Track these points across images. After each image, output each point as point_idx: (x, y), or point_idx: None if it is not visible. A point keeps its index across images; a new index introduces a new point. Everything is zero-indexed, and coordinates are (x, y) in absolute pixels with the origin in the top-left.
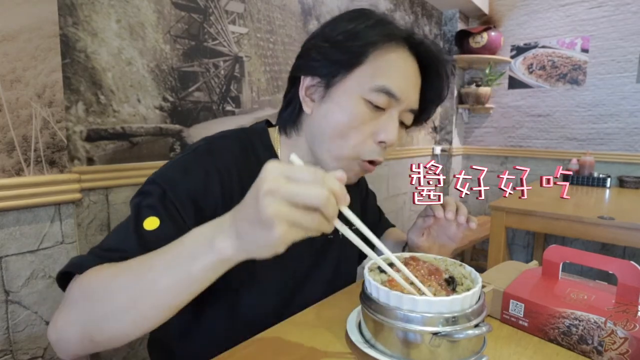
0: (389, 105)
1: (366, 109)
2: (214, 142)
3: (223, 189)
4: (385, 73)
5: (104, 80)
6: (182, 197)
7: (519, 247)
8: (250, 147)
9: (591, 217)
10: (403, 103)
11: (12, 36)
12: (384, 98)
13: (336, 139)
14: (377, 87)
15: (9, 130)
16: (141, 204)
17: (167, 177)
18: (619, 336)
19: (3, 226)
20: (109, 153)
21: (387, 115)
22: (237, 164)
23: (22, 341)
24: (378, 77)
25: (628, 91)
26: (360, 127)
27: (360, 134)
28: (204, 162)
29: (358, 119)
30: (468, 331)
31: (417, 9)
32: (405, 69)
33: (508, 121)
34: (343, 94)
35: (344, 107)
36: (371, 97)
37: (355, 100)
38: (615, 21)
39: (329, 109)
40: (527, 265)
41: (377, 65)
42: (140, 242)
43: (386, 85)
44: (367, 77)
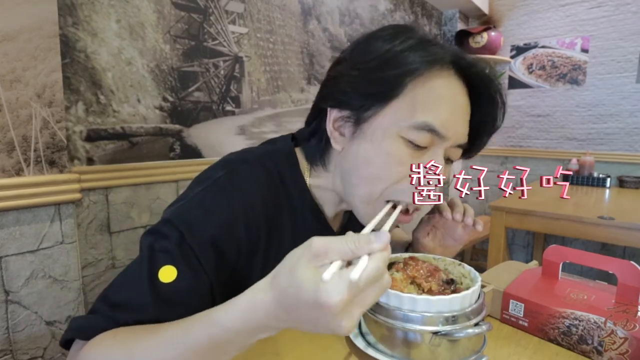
0: (433, 143)
1: (406, 149)
2: (236, 170)
3: (248, 230)
4: (427, 106)
5: (104, 80)
6: (203, 243)
7: (519, 247)
8: (277, 175)
9: (591, 217)
10: (450, 140)
11: (12, 36)
12: (426, 136)
13: (369, 183)
14: (418, 125)
15: (9, 130)
16: (155, 247)
17: (186, 218)
18: (619, 336)
19: (3, 226)
20: (109, 153)
21: (431, 153)
22: (263, 196)
23: (22, 341)
24: (419, 112)
25: (628, 91)
26: (398, 168)
27: (397, 176)
28: (226, 198)
29: (396, 161)
30: (468, 330)
31: (417, 9)
32: (453, 99)
33: (508, 121)
34: (378, 131)
35: (378, 147)
36: (411, 135)
37: (392, 139)
38: (615, 21)
39: (362, 148)
40: (527, 265)
41: (418, 96)
42: (155, 297)
43: (429, 121)
44: (406, 111)
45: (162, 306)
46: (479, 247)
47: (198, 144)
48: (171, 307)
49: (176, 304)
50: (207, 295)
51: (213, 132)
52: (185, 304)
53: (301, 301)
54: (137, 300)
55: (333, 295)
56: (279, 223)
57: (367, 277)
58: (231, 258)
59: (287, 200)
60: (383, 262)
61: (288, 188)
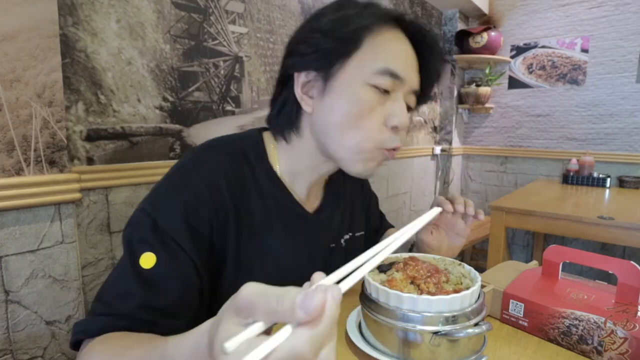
0: (394, 88)
1: (373, 94)
2: (200, 154)
3: (216, 209)
4: (385, 55)
5: (104, 80)
6: (175, 223)
7: (518, 247)
8: (242, 156)
9: (591, 217)
10: (406, 84)
11: (12, 36)
12: (388, 80)
13: (348, 130)
14: (380, 70)
15: (9, 130)
16: (133, 238)
17: (156, 204)
18: (619, 336)
19: (3, 226)
20: (109, 153)
21: (393, 98)
22: (227, 177)
23: (22, 341)
24: (379, 60)
25: (628, 91)
26: (370, 114)
27: (374, 122)
28: (191, 179)
29: (367, 105)
30: (468, 330)
31: (417, 9)
32: (403, 49)
33: (508, 121)
34: (345, 83)
35: (349, 96)
36: (375, 81)
37: (361, 87)
38: (615, 21)
39: (334, 100)
40: (527, 265)
41: (375, 48)
42: (141, 284)
43: (389, 66)
44: (368, 61)
45: (150, 291)
46: (478, 247)
47: (198, 143)
48: (158, 291)
49: (162, 287)
50: (192, 275)
51: (213, 132)
52: (170, 286)
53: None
54: (127, 291)
55: None
56: (247, 203)
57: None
58: (205, 234)
59: (254, 182)
60: (309, 343)
61: (254, 169)
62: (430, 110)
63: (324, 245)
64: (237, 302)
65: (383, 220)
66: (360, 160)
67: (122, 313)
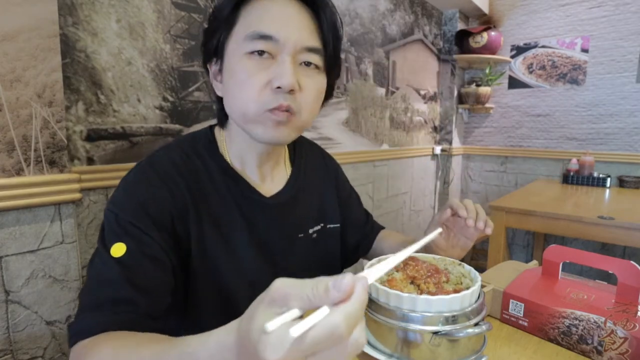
0: (275, 51)
1: (251, 62)
2: (154, 154)
3: (174, 198)
4: (254, 19)
5: (104, 80)
6: (134, 214)
7: (519, 247)
8: (193, 151)
9: (591, 217)
10: (287, 43)
11: (12, 36)
12: (260, 43)
13: (234, 100)
14: (248, 35)
15: (9, 130)
16: (104, 234)
17: (116, 201)
18: (619, 336)
19: (3, 226)
20: (109, 153)
21: (278, 61)
22: (181, 172)
23: (22, 341)
24: (249, 26)
25: (628, 91)
26: (251, 80)
27: (254, 86)
28: (145, 175)
29: (245, 73)
30: (468, 330)
31: (417, 9)
32: (281, 10)
33: (508, 121)
34: (230, 60)
35: (231, 70)
36: (248, 47)
37: (238, 58)
38: (615, 21)
39: (225, 79)
40: (527, 265)
41: (249, 17)
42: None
43: (256, 29)
44: (242, 31)
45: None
46: (479, 247)
47: None
48: (133, 272)
49: (136, 269)
50: (162, 256)
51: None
52: (144, 266)
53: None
54: (106, 279)
55: (269, 351)
56: (203, 194)
57: (315, 336)
58: (166, 225)
59: (207, 174)
60: (345, 320)
61: (206, 161)
62: (431, 110)
63: (289, 235)
64: (271, 294)
65: (370, 218)
66: (251, 125)
67: (108, 298)
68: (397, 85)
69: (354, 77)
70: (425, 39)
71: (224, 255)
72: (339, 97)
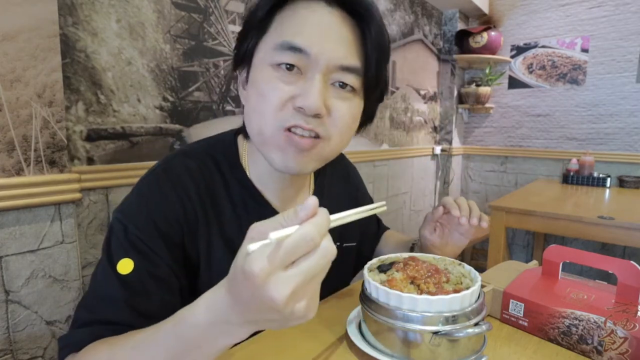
0: (305, 66)
1: (275, 74)
2: (170, 161)
3: (185, 213)
4: (287, 29)
5: (104, 80)
6: (146, 229)
7: (519, 247)
8: (213, 163)
9: (591, 217)
10: (320, 59)
11: (12, 36)
12: (289, 55)
13: (252, 115)
14: (278, 45)
15: (9, 130)
16: (110, 246)
17: (127, 211)
18: (619, 336)
19: (3, 226)
20: (109, 153)
21: (307, 78)
22: (197, 184)
23: (22, 341)
24: (280, 35)
25: (628, 91)
26: (271, 95)
27: (274, 102)
28: (160, 185)
29: (268, 86)
30: (468, 330)
31: (417, 9)
32: (318, 21)
33: (508, 121)
34: (255, 69)
35: (255, 81)
36: (275, 58)
37: (264, 69)
38: (615, 21)
39: (248, 89)
40: (527, 265)
41: (282, 25)
42: (122, 288)
43: (287, 39)
44: (272, 41)
45: (130, 294)
46: (479, 247)
47: None
48: (138, 294)
49: (141, 290)
50: (169, 277)
51: (213, 132)
52: (149, 289)
53: (238, 280)
54: (108, 296)
55: (254, 262)
56: (217, 209)
57: (292, 242)
58: (177, 239)
59: (225, 188)
60: (315, 227)
61: (225, 176)
62: (431, 110)
63: None
64: (249, 234)
65: (380, 224)
66: (268, 148)
67: (106, 318)
68: (397, 85)
69: None
70: (425, 39)
71: None
72: None
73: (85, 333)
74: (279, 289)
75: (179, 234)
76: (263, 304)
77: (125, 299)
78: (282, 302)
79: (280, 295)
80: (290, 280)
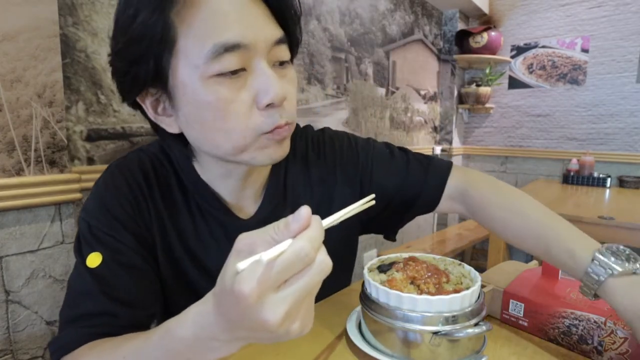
0: (247, 60)
1: (222, 87)
2: (124, 157)
3: (137, 202)
4: (211, 29)
5: (104, 80)
6: (104, 222)
7: None
8: (165, 156)
9: (591, 217)
10: (258, 44)
11: (12, 36)
12: (229, 58)
13: (217, 137)
14: (207, 53)
15: (9, 130)
16: (80, 245)
17: (88, 209)
18: (619, 336)
19: (3, 226)
20: (109, 153)
21: (253, 72)
22: (146, 173)
23: (22, 341)
24: (206, 40)
25: (628, 91)
26: (229, 109)
27: (237, 115)
28: (113, 179)
29: (222, 102)
30: (468, 330)
31: (417, 9)
32: (231, 7)
33: (508, 121)
34: (186, 90)
35: (198, 103)
36: (213, 68)
37: (202, 87)
38: (615, 21)
39: (186, 113)
40: (527, 265)
41: (196, 29)
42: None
43: (217, 41)
44: (194, 49)
45: (103, 284)
46: (479, 247)
47: None
48: (110, 283)
49: (113, 280)
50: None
51: None
52: (121, 276)
53: (227, 299)
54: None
55: (244, 283)
56: (169, 200)
57: (285, 260)
58: (136, 226)
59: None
60: (309, 242)
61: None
62: (431, 110)
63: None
64: (237, 246)
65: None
66: (248, 154)
67: (87, 311)
68: (397, 85)
69: (354, 77)
70: (426, 39)
71: (195, 271)
72: (339, 97)
73: (72, 331)
74: (272, 311)
75: (137, 221)
76: (255, 324)
77: (101, 290)
78: (276, 324)
79: (274, 318)
80: (284, 301)
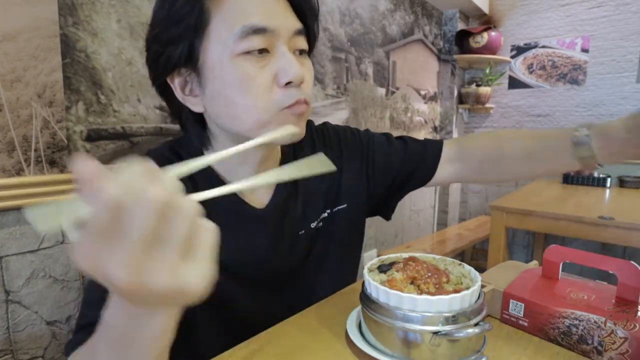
0: (270, 43)
1: (248, 63)
2: (150, 151)
3: None
4: (238, 13)
5: (104, 80)
6: None
7: (519, 247)
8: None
9: (591, 217)
10: (282, 31)
11: (12, 36)
12: (255, 39)
13: (239, 112)
14: (240, 33)
15: (10, 130)
16: None
17: None
18: (619, 336)
19: (3, 226)
20: (109, 153)
21: (276, 54)
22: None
23: (23, 341)
24: (234, 23)
25: (628, 91)
26: (252, 84)
27: (259, 90)
28: None
29: (245, 78)
30: (468, 330)
31: (417, 9)
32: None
33: (508, 121)
34: (215, 66)
35: (224, 79)
36: (242, 47)
37: (229, 63)
38: (615, 21)
39: (214, 90)
40: (527, 265)
41: (228, 13)
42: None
43: (247, 23)
44: (224, 31)
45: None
46: (479, 247)
47: None
48: None
49: None
50: None
51: None
52: None
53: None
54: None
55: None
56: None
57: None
58: None
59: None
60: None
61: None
62: (431, 110)
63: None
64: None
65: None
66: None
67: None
68: (397, 85)
69: (354, 77)
70: (426, 39)
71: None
72: (339, 97)
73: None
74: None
75: None
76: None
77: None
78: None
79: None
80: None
